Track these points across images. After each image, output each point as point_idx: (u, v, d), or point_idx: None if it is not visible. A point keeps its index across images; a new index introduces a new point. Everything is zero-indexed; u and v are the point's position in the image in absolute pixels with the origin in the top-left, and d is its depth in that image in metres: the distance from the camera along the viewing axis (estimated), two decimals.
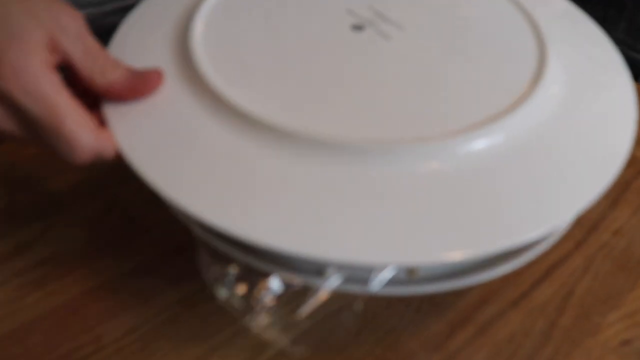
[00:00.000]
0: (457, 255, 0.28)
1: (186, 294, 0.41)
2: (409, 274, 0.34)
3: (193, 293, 0.40)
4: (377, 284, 0.30)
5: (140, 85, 0.34)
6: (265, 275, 0.29)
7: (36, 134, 0.31)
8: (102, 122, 0.34)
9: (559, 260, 0.50)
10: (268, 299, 0.29)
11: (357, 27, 0.38)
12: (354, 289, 0.32)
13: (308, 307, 0.29)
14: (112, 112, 0.34)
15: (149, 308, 0.40)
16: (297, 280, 0.30)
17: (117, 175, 0.50)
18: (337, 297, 0.32)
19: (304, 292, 0.30)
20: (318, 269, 0.32)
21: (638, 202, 0.55)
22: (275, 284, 0.29)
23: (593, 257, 0.50)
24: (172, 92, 0.34)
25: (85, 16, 0.55)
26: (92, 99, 0.34)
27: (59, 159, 0.31)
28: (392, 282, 0.33)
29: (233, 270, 0.30)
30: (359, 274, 0.31)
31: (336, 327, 0.36)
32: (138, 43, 0.38)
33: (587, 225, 0.53)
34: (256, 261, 0.30)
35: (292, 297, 0.30)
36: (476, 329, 0.43)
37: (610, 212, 0.54)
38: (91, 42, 0.33)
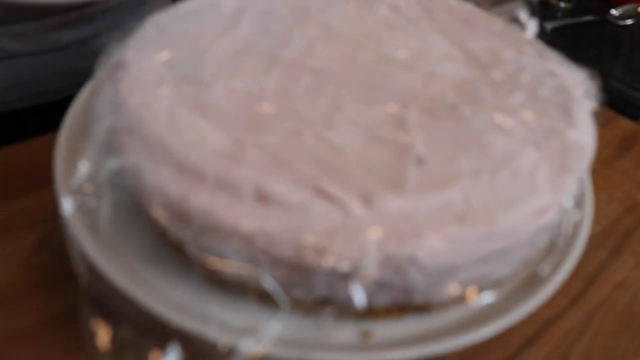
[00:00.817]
0: None
1: None
2: (364, 336, 0.28)
3: None
4: None
5: None
6: (161, 342, 0.22)
7: None
8: None
9: (552, 318, 0.43)
10: None
11: None
12: (294, 354, 0.26)
13: None
14: None
15: None
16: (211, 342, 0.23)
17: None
18: None
19: None
20: (248, 327, 0.26)
21: None
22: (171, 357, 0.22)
23: (592, 313, 0.44)
24: None
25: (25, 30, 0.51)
26: None
27: None
28: (341, 348, 0.27)
29: (122, 334, 0.23)
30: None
31: None
32: None
33: (584, 277, 0.46)
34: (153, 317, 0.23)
35: None
36: None
37: (611, 262, 0.48)
38: None
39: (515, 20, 0.41)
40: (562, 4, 0.77)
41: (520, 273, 0.31)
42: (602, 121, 0.64)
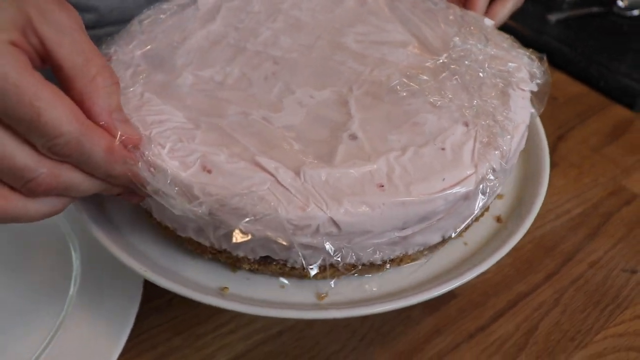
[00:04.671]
0: None
1: None
2: (318, 298, 0.32)
3: None
4: None
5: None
6: None
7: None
8: None
9: (526, 292, 0.45)
10: None
11: None
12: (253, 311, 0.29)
13: None
14: None
15: None
16: None
17: None
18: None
19: None
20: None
21: (619, 235, 0.50)
22: None
23: (564, 290, 0.46)
24: None
25: None
26: None
27: None
28: (298, 306, 0.31)
29: None
30: None
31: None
32: None
33: (561, 256, 0.48)
34: None
35: None
36: None
37: (588, 243, 0.49)
38: (84, 39, 0.28)
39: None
40: None
41: None
42: (595, 108, 0.65)
